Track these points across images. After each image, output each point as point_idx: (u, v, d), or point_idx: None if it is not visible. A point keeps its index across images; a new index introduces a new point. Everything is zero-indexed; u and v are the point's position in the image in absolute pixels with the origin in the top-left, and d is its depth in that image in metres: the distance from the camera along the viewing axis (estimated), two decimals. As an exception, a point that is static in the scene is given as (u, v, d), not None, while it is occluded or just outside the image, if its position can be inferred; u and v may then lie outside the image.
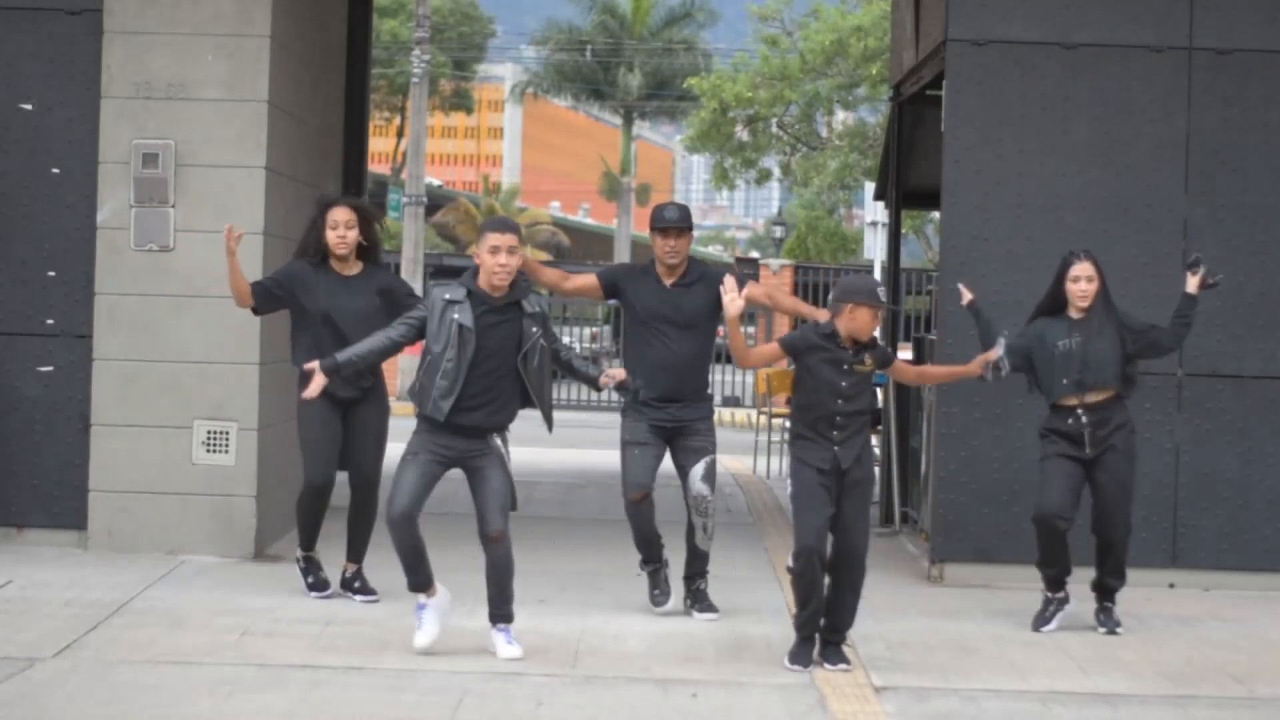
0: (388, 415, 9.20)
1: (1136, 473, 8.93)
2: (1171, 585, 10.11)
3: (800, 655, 7.77)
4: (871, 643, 8.16)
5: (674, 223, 8.78)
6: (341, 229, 8.84)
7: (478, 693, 7.23)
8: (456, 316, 7.72)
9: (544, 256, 54.58)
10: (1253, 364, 10.16)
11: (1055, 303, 8.90)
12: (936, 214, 16.97)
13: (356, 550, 9.09)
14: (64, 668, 7.47)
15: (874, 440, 8.99)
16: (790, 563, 7.79)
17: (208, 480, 10.06)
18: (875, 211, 24.48)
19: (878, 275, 25.06)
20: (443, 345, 7.72)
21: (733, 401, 28.46)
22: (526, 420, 8.31)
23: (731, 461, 16.87)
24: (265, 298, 8.99)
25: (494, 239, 7.75)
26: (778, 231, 47.26)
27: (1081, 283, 8.81)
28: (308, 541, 9.12)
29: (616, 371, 8.15)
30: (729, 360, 29.39)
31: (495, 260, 7.73)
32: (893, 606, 9.25)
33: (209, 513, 10.07)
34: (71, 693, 7.07)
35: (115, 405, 10.12)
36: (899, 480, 12.32)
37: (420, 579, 7.94)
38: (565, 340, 10.30)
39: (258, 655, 7.76)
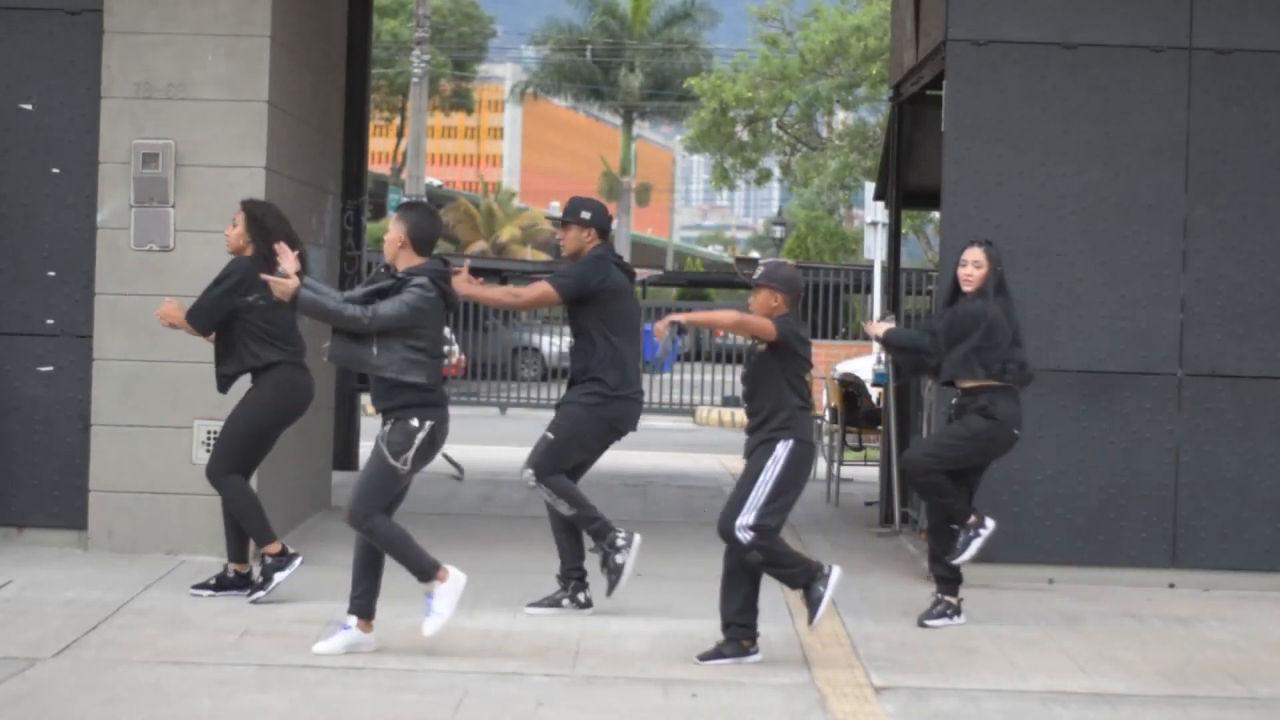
0: (246, 408, 9.10)
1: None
2: (1171, 585, 10.11)
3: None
4: (871, 643, 8.16)
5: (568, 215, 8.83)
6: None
7: (478, 693, 7.23)
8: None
9: (544, 257, 54.59)
10: (1253, 364, 10.16)
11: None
12: (936, 214, 16.97)
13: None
14: (64, 668, 7.47)
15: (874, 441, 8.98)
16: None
17: (208, 480, 10.04)
18: (875, 211, 24.46)
19: (877, 275, 25.08)
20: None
21: (733, 401, 28.43)
22: (527, 421, 8.29)
23: (731, 461, 16.86)
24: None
25: None
26: (778, 231, 47.29)
27: (968, 267, 8.85)
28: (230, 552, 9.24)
29: None
30: (729, 360, 29.42)
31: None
32: (892, 606, 9.25)
33: (209, 513, 10.04)
34: (71, 693, 7.07)
35: (115, 405, 10.11)
36: (899, 480, 12.31)
37: (360, 596, 7.91)
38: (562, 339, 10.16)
39: (258, 655, 7.76)
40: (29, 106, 10.26)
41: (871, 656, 8.02)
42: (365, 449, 13.13)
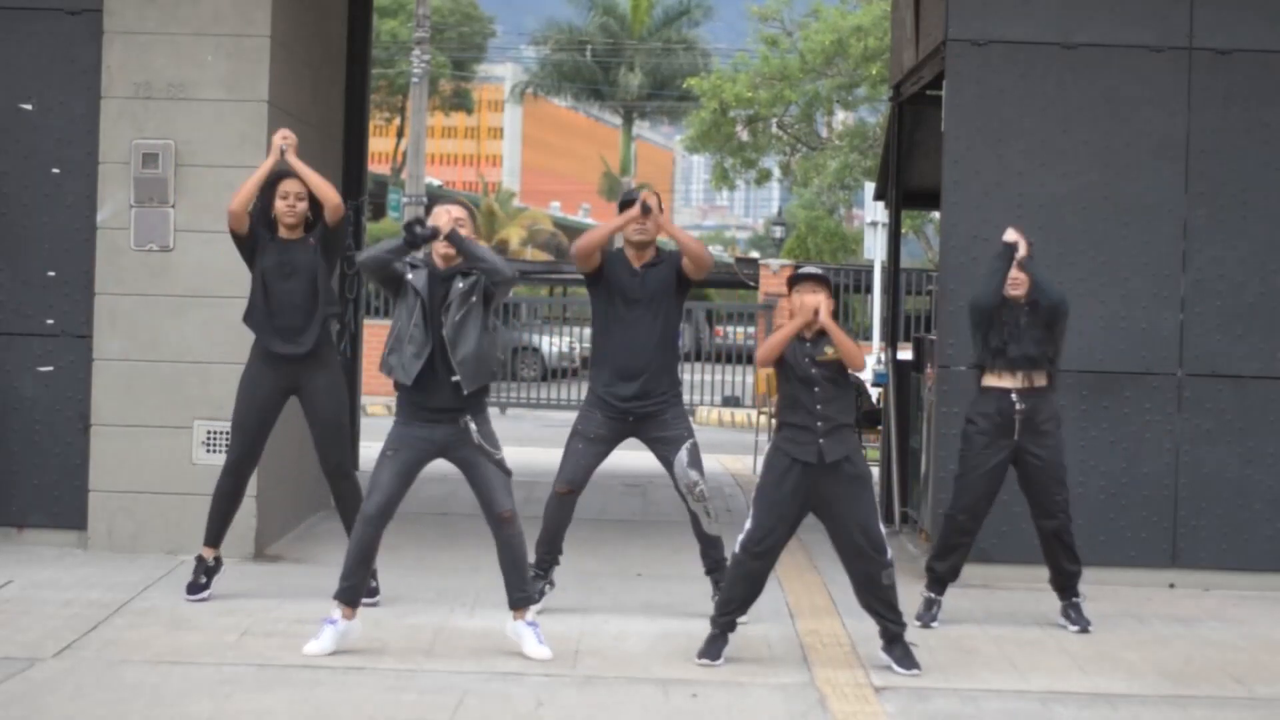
0: (342, 392, 8.99)
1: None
2: (1171, 585, 10.11)
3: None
4: (871, 643, 8.16)
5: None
6: (292, 199, 8.81)
7: (478, 693, 7.23)
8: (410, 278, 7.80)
9: (545, 257, 54.62)
10: (1253, 364, 10.16)
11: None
12: (936, 214, 16.98)
13: None
14: (64, 668, 7.47)
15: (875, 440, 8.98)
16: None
17: (208, 480, 10.01)
18: (875, 211, 24.49)
19: (877, 275, 25.10)
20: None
21: (732, 401, 28.44)
22: (526, 421, 8.29)
23: (731, 461, 16.87)
24: (256, 220, 8.84)
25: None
26: (778, 231, 47.29)
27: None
28: (210, 536, 8.99)
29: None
30: (728, 360, 29.42)
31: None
32: (893, 606, 9.24)
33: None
34: (71, 693, 7.07)
35: (115, 405, 10.12)
36: (899, 480, 12.32)
37: (353, 587, 7.83)
38: (562, 339, 10.12)
39: (258, 655, 7.76)
40: (29, 106, 10.26)
41: (872, 656, 8.02)
42: (366, 448, 13.15)
